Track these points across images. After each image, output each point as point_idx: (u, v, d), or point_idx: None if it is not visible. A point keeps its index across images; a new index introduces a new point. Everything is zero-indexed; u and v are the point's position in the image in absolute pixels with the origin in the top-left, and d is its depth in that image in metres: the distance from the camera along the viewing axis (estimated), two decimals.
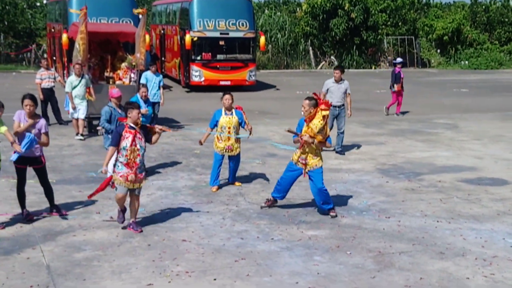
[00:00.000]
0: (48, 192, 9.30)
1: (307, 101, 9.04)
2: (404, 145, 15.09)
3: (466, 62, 42.18)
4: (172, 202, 10.04)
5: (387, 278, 7.07)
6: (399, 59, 21.01)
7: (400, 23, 43.16)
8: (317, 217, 9.30)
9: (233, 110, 10.74)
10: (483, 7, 46.23)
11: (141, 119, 8.65)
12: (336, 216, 9.30)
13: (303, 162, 9.20)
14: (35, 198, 9.98)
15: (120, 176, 8.41)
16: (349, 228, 8.82)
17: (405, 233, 8.64)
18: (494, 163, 13.22)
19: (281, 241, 8.25)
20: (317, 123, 8.94)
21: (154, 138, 8.78)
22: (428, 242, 8.28)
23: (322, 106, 8.99)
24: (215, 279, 6.96)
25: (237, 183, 11.11)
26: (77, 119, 15.35)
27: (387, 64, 42.61)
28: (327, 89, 13.94)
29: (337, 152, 13.85)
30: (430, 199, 10.34)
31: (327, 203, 9.33)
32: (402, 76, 19.97)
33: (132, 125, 8.44)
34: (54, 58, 29.12)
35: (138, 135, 8.46)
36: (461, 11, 46.17)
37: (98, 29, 16.32)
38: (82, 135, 15.25)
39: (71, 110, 15.33)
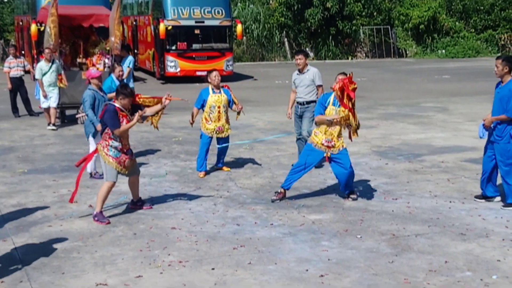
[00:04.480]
0: None
1: (341, 76, 8.31)
2: (397, 128, 14.34)
3: (443, 51, 41.67)
4: (157, 189, 9.13)
5: (407, 263, 6.26)
6: None
7: (375, 13, 42.46)
8: (318, 201, 8.47)
9: (221, 89, 9.91)
10: None
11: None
12: (357, 198, 8.47)
13: (330, 144, 8.28)
14: (5, 188, 9.17)
15: (118, 163, 7.60)
16: (355, 211, 8.00)
17: (417, 214, 7.86)
18: None
19: (282, 227, 7.40)
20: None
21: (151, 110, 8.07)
22: (445, 223, 7.50)
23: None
24: (213, 269, 6.08)
25: (225, 168, 10.23)
26: (48, 108, 14.29)
27: (364, 54, 42.00)
28: (294, 83, 10.30)
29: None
30: (436, 180, 9.58)
31: (351, 186, 8.51)
32: None
33: (122, 108, 7.63)
34: (23, 52, 27.90)
35: (127, 118, 7.68)
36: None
37: (70, 12, 15.16)
38: (54, 124, 14.19)
39: (42, 99, 14.24)
